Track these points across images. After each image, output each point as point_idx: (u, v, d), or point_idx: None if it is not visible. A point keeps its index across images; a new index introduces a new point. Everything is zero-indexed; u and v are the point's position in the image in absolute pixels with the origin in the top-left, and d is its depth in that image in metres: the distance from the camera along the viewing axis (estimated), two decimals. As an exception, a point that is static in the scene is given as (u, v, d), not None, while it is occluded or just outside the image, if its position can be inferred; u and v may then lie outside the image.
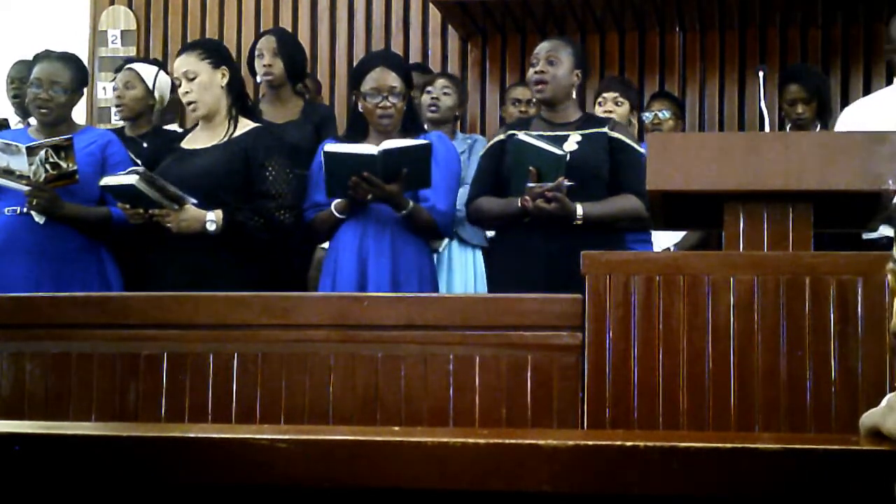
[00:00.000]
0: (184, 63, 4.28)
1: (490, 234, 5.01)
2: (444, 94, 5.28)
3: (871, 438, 1.59)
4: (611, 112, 5.17)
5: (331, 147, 4.16)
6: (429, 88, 5.31)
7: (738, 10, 6.29)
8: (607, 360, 3.16)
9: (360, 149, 4.11)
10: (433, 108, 5.25)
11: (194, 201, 4.08)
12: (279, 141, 4.30)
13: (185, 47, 4.52)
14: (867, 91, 6.17)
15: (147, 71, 5.06)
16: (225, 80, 4.27)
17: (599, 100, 5.33)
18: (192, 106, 4.27)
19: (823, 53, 6.45)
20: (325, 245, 4.49)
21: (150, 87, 4.99)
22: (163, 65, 5.39)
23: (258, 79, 5.04)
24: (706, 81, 6.58)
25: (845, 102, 6.22)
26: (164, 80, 5.07)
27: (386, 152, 4.05)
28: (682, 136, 4.85)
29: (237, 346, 3.44)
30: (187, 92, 4.25)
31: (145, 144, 4.80)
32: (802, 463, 1.51)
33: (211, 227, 4.09)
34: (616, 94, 5.30)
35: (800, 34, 6.48)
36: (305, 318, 3.45)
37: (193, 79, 4.23)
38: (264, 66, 4.92)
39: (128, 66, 5.13)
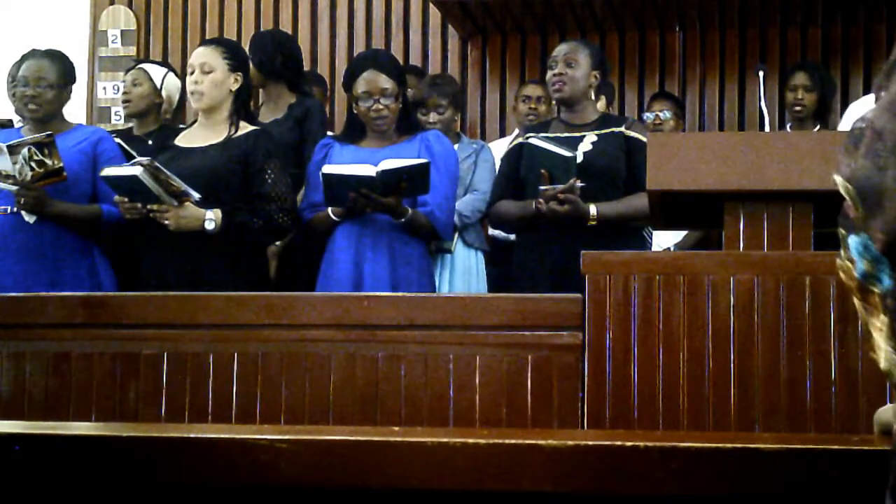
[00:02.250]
0: (204, 55, 4.29)
1: (495, 233, 5.03)
2: (439, 114, 5.17)
3: (884, 436, 1.58)
4: None
5: (329, 168, 4.15)
6: (422, 110, 5.16)
7: (738, 10, 6.29)
8: (607, 360, 3.16)
9: (358, 170, 4.09)
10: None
11: (198, 196, 4.08)
12: (278, 144, 4.31)
13: (210, 41, 4.55)
14: (867, 91, 6.16)
15: (156, 71, 5.08)
16: (236, 86, 4.29)
17: None
18: (195, 96, 4.27)
19: (823, 53, 6.45)
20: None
21: (158, 86, 5.00)
22: (173, 68, 5.39)
23: None
24: (706, 81, 6.58)
25: (845, 102, 6.22)
26: (172, 82, 5.07)
27: (384, 173, 4.05)
28: (682, 136, 4.85)
29: (237, 346, 3.44)
30: (197, 82, 4.26)
31: (150, 143, 4.80)
32: (802, 463, 1.51)
33: (210, 226, 4.09)
34: None
35: (800, 34, 6.48)
36: (305, 318, 3.45)
37: (208, 73, 4.25)
38: None
39: (139, 66, 5.16)
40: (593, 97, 4.47)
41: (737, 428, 3.09)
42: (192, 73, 4.29)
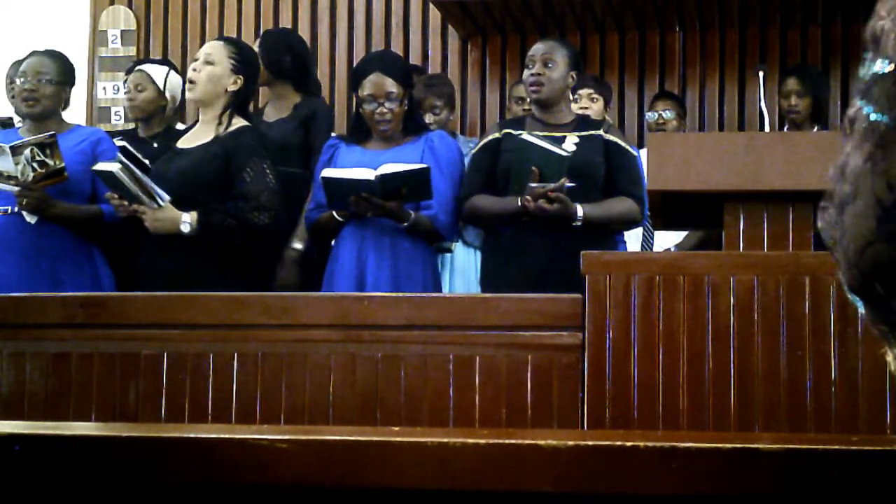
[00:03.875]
0: (212, 48, 4.29)
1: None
2: (435, 115, 5.17)
3: None
4: (587, 108, 5.18)
5: (328, 172, 4.15)
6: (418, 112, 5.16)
7: (738, 10, 6.29)
8: (607, 360, 3.16)
9: (357, 174, 4.09)
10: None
11: (167, 198, 4.05)
12: (261, 141, 4.26)
13: (225, 38, 4.59)
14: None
15: (157, 72, 5.05)
16: (234, 88, 4.25)
17: (575, 96, 5.32)
18: (190, 85, 4.26)
19: (823, 53, 6.46)
20: (298, 245, 4.45)
21: (161, 87, 4.99)
22: (173, 64, 5.38)
23: None
24: (706, 81, 6.58)
25: (845, 102, 6.22)
26: (174, 80, 5.06)
27: (383, 177, 4.04)
28: (682, 136, 4.86)
29: (237, 346, 3.44)
30: (195, 70, 4.25)
31: (156, 145, 4.79)
32: (802, 463, 1.51)
33: (185, 228, 4.06)
34: (591, 91, 5.31)
35: (800, 34, 6.48)
36: (305, 318, 3.45)
37: (209, 64, 4.23)
38: None
39: (138, 67, 5.13)
40: (569, 97, 4.47)
41: (737, 428, 3.09)
42: (197, 59, 4.29)
